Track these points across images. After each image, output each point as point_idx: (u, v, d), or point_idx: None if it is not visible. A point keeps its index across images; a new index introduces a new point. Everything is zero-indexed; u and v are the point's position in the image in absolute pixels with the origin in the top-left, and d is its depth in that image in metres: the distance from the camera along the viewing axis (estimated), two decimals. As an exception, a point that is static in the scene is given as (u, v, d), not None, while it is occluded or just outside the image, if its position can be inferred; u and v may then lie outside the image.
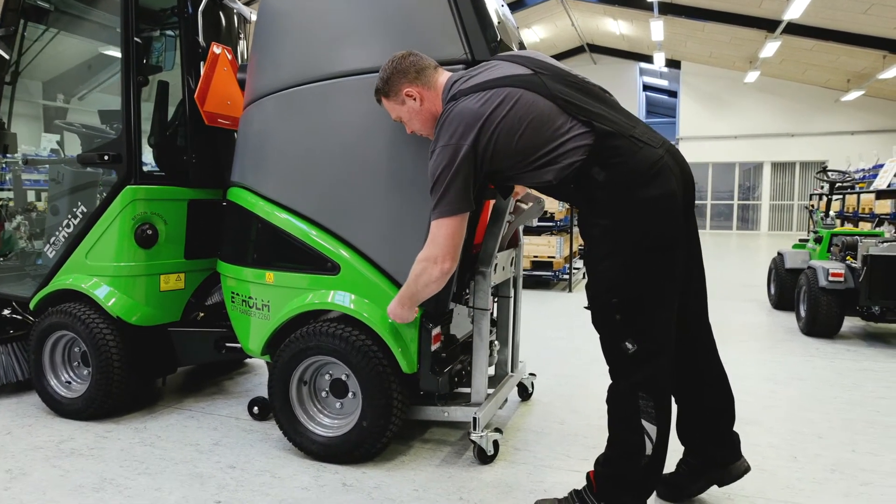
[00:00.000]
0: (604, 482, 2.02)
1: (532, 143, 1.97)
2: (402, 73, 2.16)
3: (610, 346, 2.00)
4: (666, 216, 1.92)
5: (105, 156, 2.96)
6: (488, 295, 2.63)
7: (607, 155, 1.90)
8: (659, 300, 1.94)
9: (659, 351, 1.95)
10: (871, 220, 11.37)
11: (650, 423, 1.94)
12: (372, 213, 2.48)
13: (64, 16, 3.55)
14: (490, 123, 1.96)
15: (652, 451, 1.96)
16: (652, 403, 1.94)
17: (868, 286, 4.55)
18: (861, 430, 3.01)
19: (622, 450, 2.01)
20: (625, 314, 1.93)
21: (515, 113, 1.96)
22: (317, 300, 2.56)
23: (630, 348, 1.93)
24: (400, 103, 2.19)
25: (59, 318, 3.03)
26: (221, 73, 3.12)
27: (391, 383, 2.43)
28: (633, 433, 1.96)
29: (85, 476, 2.44)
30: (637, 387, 1.95)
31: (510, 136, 1.97)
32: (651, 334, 1.94)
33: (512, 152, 1.99)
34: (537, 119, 1.96)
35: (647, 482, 2.02)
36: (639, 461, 1.96)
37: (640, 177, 1.89)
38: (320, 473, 2.46)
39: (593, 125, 1.92)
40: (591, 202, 1.96)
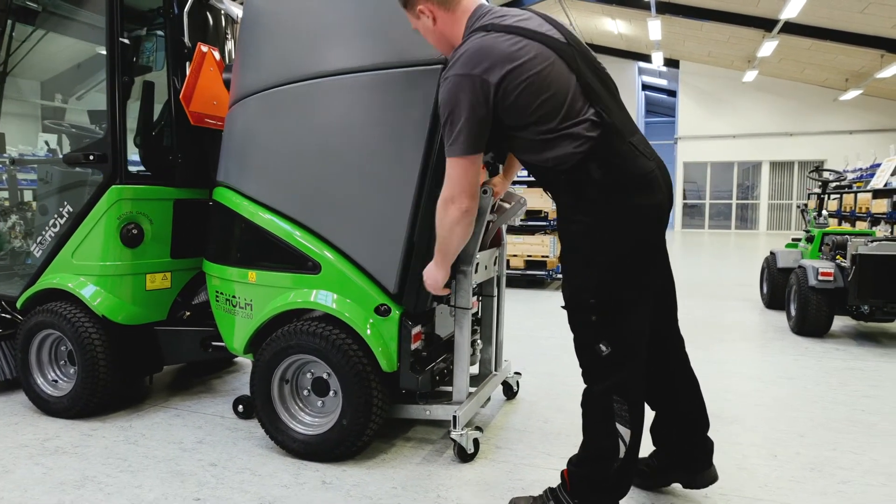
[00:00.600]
0: (577, 482, 2.03)
1: (549, 113, 1.88)
2: None
3: (584, 347, 1.99)
4: (651, 225, 1.95)
5: (90, 156, 2.97)
6: (469, 294, 2.64)
7: (607, 154, 1.87)
8: (635, 305, 1.94)
9: (632, 355, 1.95)
10: (866, 220, 11.39)
11: (624, 426, 1.95)
12: (351, 212, 2.49)
13: (52, 16, 3.57)
14: (520, 73, 1.85)
15: (625, 454, 1.96)
16: (626, 407, 1.94)
17: (857, 285, 4.56)
18: (843, 428, 3.02)
19: (595, 453, 2.01)
20: (601, 316, 1.92)
21: (546, 76, 1.87)
22: (299, 299, 2.58)
23: (604, 350, 1.92)
24: (415, 17, 2.11)
25: (46, 317, 3.05)
26: (208, 74, 3.14)
27: (371, 382, 2.45)
28: (606, 437, 1.96)
29: (67, 473, 2.46)
30: (611, 390, 1.95)
31: (535, 96, 1.86)
32: (625, 338, 1.94)
33: (529, 113, 1.89)
34: (561, 93, 1.88)
35: (619, 484, 2.02)
36: (611, 464, 1.97)
37: (634, 183, 1.89)
38: (301, 471, 2.48)
39: (603, 119, 1.87)
40: (579, 197, 1.91)
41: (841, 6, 13.61)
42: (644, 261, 1.96)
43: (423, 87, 2.35)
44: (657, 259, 2.03)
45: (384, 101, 2.42)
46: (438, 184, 2.36)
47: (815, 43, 16.28)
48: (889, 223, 10.52)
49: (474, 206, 2.02)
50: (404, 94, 2.38)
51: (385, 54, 2.40)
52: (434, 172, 2.37)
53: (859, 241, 4.68)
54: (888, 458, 2.67)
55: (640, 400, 2.00)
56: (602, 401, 1.96)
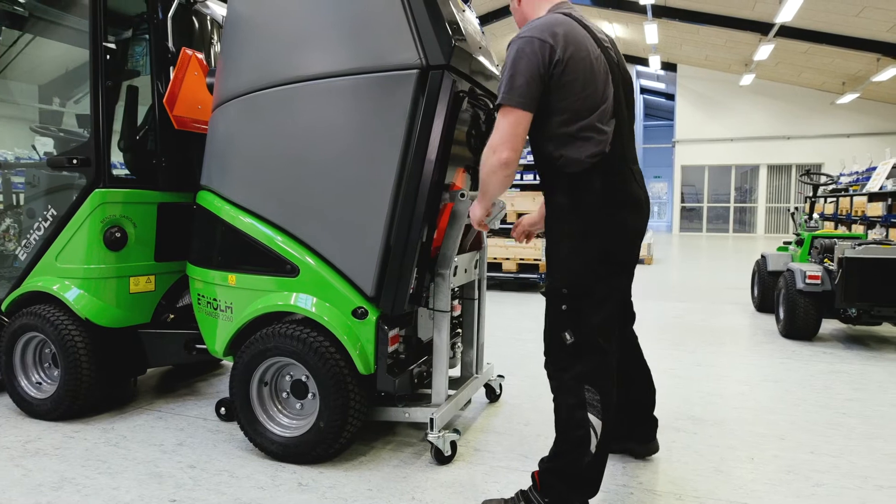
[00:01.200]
0: (548, 479, 2.08)
1: (583, 108, 2.02)
2: None
3: (552, 333, 2.14)
4: (630, 241, 2.16)
5: (74, 159, 2.99)
6: (447, 297, 2.66)
7: (610, 171, 2.06)
8: (601, 303, 2.07)
9: (592, 348, 2.07)
10: (858, 222, 11.40)
11: (595, 416, 2.04)
12: (329, 216, 2.51)
13: (40, 21, 3.60)
14: (579, 61, 1.99)
15: (596, 447, 2.03)
16: (598, 397, 2.05)
17: (843, 288, 4.57)
18: (823, 431, 3.03)
19: (567, 444, 2.08)
20: (570, 306, 2.06)
21: (596, 79, 2.03)
22: (279, 301, 2.59)
23: (568, 339, 2.07)
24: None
25: (29, 320, 3.07)
26: (192, 78, 3.15)
27: (348, 384, 2.46)
28: (578, 427, 2.04)
29: (46, 475, 2.47)
30: (582, 379, 2.06)
31: (582, 87, 2.00)
32: (588, 330, 2.06)
33: (571, 99, 2.00)
34: (599, 98, 2.04)
35: (591, 479, 2.07)
36: (582, 457, 2.03)
37: (624, 202, 2.10)
38: (278, 473, 2.49)
39: (615, 140, 2.07)
40: (575, 201, 2.06)
41: (836, 10, 13.65)
42: (615, 267, 2.12)
43: (398, 91, 2.38)
44: (626, 268, 2.23)
45: (360, 105, 2.44)
46: (414, 188, 2.39)
47: (811, 46, 16.31)
48: (884, 226, 10.53)
49: (515, 158, 2.06)
50: (380, 98, 2.40)
51: (360, 59, 2.42)
52: (409, 176, 2.39)
53: (846, 245, 4.69)
54: (866, 461, 2.68)
55: (610, 393, 2.09)
56: (575, 389, 2.07)
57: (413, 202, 2.39)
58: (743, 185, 23.06)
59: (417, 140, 2.37)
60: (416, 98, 2.37)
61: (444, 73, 2.34)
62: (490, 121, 2.93)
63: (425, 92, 2.36)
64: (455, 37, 2.36)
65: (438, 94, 2.35)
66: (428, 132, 2.37)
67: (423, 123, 2.36)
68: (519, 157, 2.09)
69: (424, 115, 2.36)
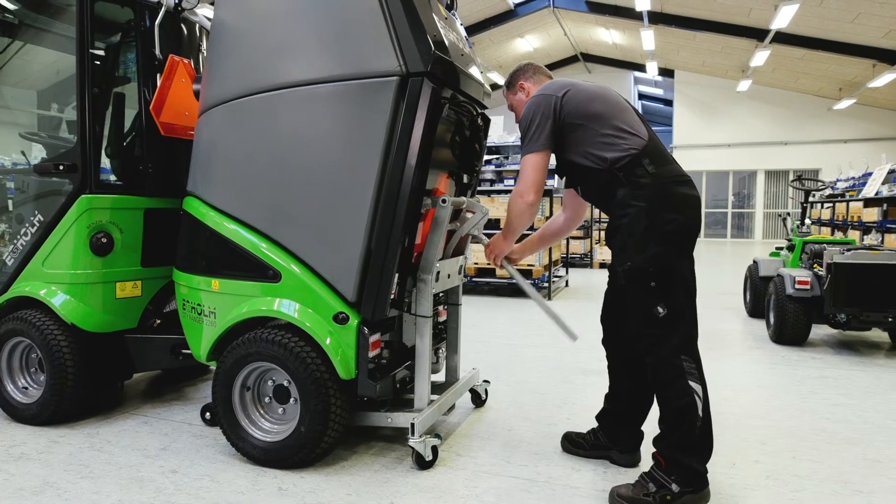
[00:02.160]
0: (670, 455, 2.23)
1: (602, 112, 2.38)
2: (523, 72, 2.72)
3: (643, 313, 2.28)
4: (693, 211, 2.33)
5: (60, 165, 3.01)
6: (429, 302, 2.67)
7: (656, 155, 2.34)
8: (682, 274, 2.30)
9: (683, 317, 2.27)
10: (851, 228, 11.41)
11: (696, 383, 2.23)
12: (310, 222, 2.53)
13: (30, 28, 3.63)
14: (578, 89, 2.45)
15: (702, 411, 2.21)
16: (694, 365, 2.25)
17: (832, 294, 4.59)
18: (806, 436, 3.04)
19: (676, 416, 2.23)
20: (659, 281, 2.25)
21: (599, 92, 2.46)
22: (262, 307, 2.61)
23: (661, 312, 2.25)
24: (514, 94, 2.73)
25: (16, 325, 3.08)
26: (179, 85, 3.18)
27: (329, 389, 2.48)
28: (683, 396, 2.21)
29: (27, 479, 2.48)
30: (678, 350, 2.24)
31: (589, 100, 2.41)
32: (677, 301, 2.26)
33: (585, 110, 2.38)
34: (612, 103, 2.42)
35: (704, 443, 2.24)
36: (694, 423, 2.20)
37: (677, 177, 2.34)
38: (259, 478, 2.50)
39: (649, 136, 2.39)
40: (635, 186, 2.30)
41: (831, 16, 13.71)
42: (688, 239, 2.33)
43: (378, 98, 2.40)
44: (694, 243, 2.38)
45: (341, 112, 2.47)
46: (394, 193, 2.41)
47: (807, 52, 16.37)
48: (880, 232, 10.54)
49: (538, 200, 2.49)
50: (360, 105, 2.43)
51: (342, 66, 2.44)
52: (390, 182, 2.41)
53: (835, 250, 4.71)
54: (847, 466, 2.69)
55: (699, 358, 2.29)
56: (672, 360, 2.24)
57: (393, 208, 2.41)
58: (741, 191, 23.09)
59: (397, 146, 2.39)
60: (396, 105, 2.39)
61: (423, 81, 2.37)
62: (474, 127, 2.96)
63: (405, 99, 2.38)
64: (435, 44, 2.39)
65: (418, 101, 2.37)
66: (408, 138, 2.39)
67: (403, 130, 2.38)
68: (540, 197, 2.48)
69: (404, 122, 2.38)
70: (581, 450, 2.74)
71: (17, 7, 3.48)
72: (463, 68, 2.65)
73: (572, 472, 2.59)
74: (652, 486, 2.24)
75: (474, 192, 3.25)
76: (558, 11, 17.63)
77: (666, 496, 2.20)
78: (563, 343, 5.10)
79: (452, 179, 3.03)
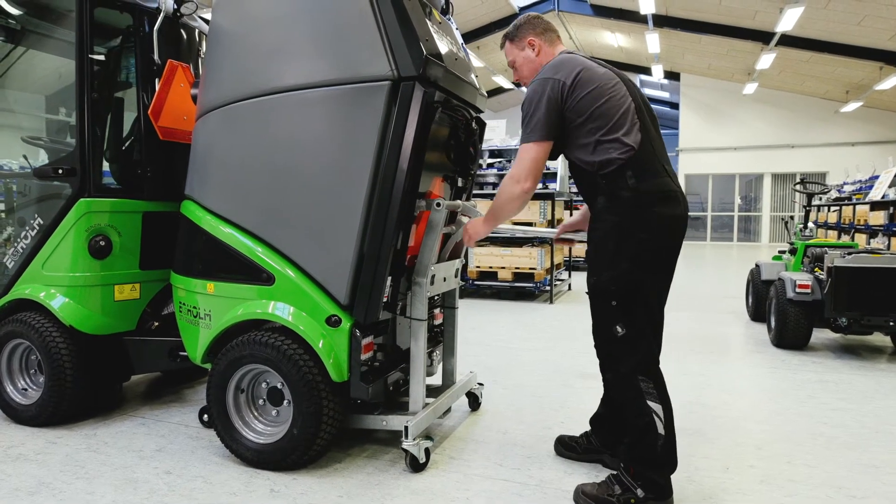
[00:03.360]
0: (632, 465, 2.27)
1: (604, 115, 2.25)
2: (532, 26, 2.51)
3: (603, 329, 2.31)
4: (667, 232, 2.28)
5: (59, 169, 3.05)
6: (424, 306, 2.68)
7: (642, 166, 2.23)
8: (646, 297, 2.27)
9: (642, 337, 2.26)
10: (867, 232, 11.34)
11: (654, 402, 2.23)
12: (304, 224, 2.55)
13: (31, 33, 3.67)
14: (588, 79, 2.26)
15: (664, 429, 2.23)
16: (652, 384, 2.24)
17: (833, 298, 4.56)
18: (802, 441, 3.02)
19: (637, 433, 2.26)
20: (620, 301, 2.24)
21: (608, 89, 2.28)
22: (257, 309, 2.62)
23: (620, 332, 2.25)
24: (520, 48, 2.52)
25: (15, 327, 3.12)
26: (178, 90, 3.21)
27: (321, 391, 2.49)
28: (641, 415, 2.23)
29: (23, 480, 2.51)
30: (636, 370, 2.24)
31: (595, 99, 2.25)
32: (637, 322, 2.25)
33: (588, 112, 2.25)
34: (616, 105, 2.27)
35: (668, 459, 2.27)
36: (655, 441, 2.22)
37: (659, 195, 2.25)
38: (252, 479, 2.51)
39: (643, 138, 2.26)
40: (613, 199, 2.24)
41: (837, 19, 13.65)
42: (658, 260, 2.29)
43: (370, 102, 2.41)
44: (669, 263, 2.35)
45: (334, 116, 2.48)
46: (386, 196, 2.42)
47: (813, 55, 16.30)
48: (886, 235, 10.47)
49: (533, 188, 2.36)
50: (353, 109, 2.44)
51: (335, 71, 2.46)
52: (382, 185, 2.43)
53: (835, 254, 4.68)
54: (842, 471, 2.68)
55: (660, 377, 2.28)
56: (630, 380, 2.25)
57: (386, 211, 2.43)
58: (748, 194, 22.99)
59: (390, 150, 2.41)
60: (388, 109, 2.40)
61: (415, 85, 2.38)
62: (468, 130, 2.97)
63: (397, 103, 2.40)
64: (427, 49, 2.40)
65: (410, 105, 2.39)
66: (400, 142, 2.40)
67: (395, 133, 2.40)
68: (537, 185, 2.36)
69: (396, 126, 2.40)
70: (574, 453, 2.74)
71: (19, 12, 3.52)
72: (456, 72, 2.66)
73: (564, 475, 2.59)
74: (617, 489, 2.27)
75: (470, 195, 3.26)
76: (563, 15, 17.63)
77: (630, 500, 2.23)
78: (564, 347, 5.10)
79: (447, 183, 3.04)
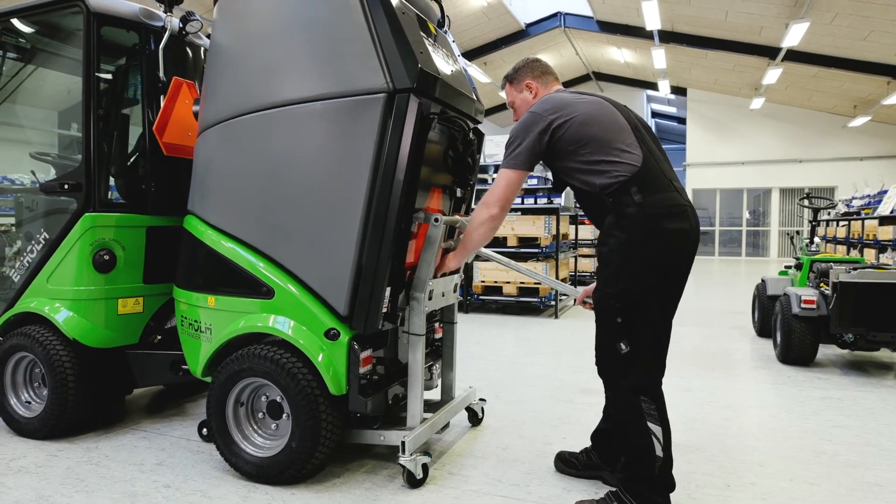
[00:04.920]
0: (630, 486, 2.27)
1: (596, 135, 2.27)
2: (530, 70, 2.61)
3: (607, 345, 2.30)
4: (674, 248, 2.25)
5: (65, 184, 3.10)
6: (422, 320, 2.69)
7: (647, 182, 2.24)
8: (652, 315, 2.25)
9: (646, 356, 2.25)
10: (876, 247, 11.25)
11: (654, 424, 2.22)
12: (303, 237, 2.57)
13: (41, 52, 3.75)
14: (572, 111, 2.32)
15: (662, 451, 2.22)
16: (653, 406, 2.23)
17: (838, 313, 4.53)
18: (805, 459, 2.99)
19: (635, 453, 2.26)
20: (625, 318, 2.24)
21: (594, 114, 2.31)
22: (258, 323, 2.64)
23: (623, 349, 2.24)
24: (519, 91, 2.63)
25: (19, 340, 3.15)
26: (182, 106, 3.26)
27: (320, 405, 2.49)
28: (641, 436, 2.22)
29: (23, 493, 2.52)
30: (637, 390, 2.23)
31: (581, 127, 2.29)
32: (642, 341, 2.24)
33: (577, 141, 2.29)
34: (607, 128, 2.29)
35: (665, 481, 2.22)
36: (652, 463, 2.21)
37: (666, 210, 2.23)
38: (250, 494, 2.52)
39: (645, 154, 2.27)
40: (620, 216, 2.25)
41: (843, 34, 13.66)
42: (664, 279, 2.26)
43: (366, 115, 2.44)
44: (677, 281, 2.31)
45: (330, 129, 2.51)
46: (383, 208, 2.44)
47: (820, 70, 16.29)
48: (895, 250, 10.38)
49: (501, 216, 2.46)
50: (349, 122, 2.47)
51: (331, 84, 2.50)
52: (379, 197, 2.45)
53: (841, 269, 4.66)
54: (844, 489, 2.64)
55: (661, 399, 2.26)
56: (630, 400, 2.24)
57: (383, 222, 2.44)
58: (756, 209, 22.88)
59: (386, 162, 2.43)
60: (384, 121, 2.43)
61: (409, 97, 2.41)
62: (466, 141, 3.00)
63: (392, 115, 2.42)
64: (422, 61, 2.43)
65: (405, 117, 2.41)
66: (396, 154, 2.43)
67: (391, 146, 2.42)
68: (505, 215, 2.46)
69: (392, 138, 2.42)
70: (574, 469, 2.73)
71: (30, 31, 3.59)
72: (452, 84, 2.68)
73: (563, 492, 2.57)
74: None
75: (469, 206, 3.27)
76: (569, 31, 17.76)
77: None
78: (567, 362, 5.08)
79: (447, 194, 3.06)
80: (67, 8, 3.15)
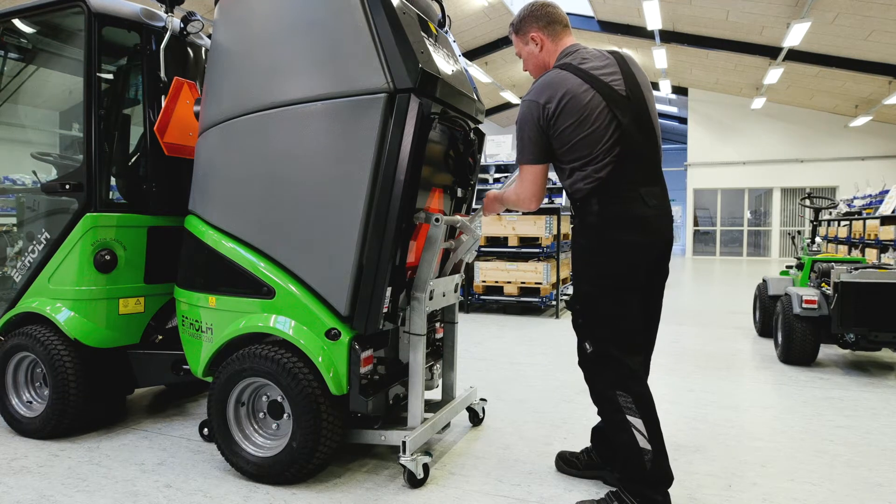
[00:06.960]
0: (629, 486, 2.26)
1: (580, 148, 2.23)
2: (535, 19, 2.42)
3: (578, 346, 2.40)
4: (632, 259, 2.27)
5: (66, 184, 3.10)
6: (423, 320, 2.69)
7: (608, 195, 2.25)
8: (612, 319, 2.29)
9: (613, 357, 2.27)
10: (877, 247, 11.24)
11: (634, 416, 2.22)
12: (304, 237, 2.57)
13: (43, 52, 3.75)
14: (571, 104, 2.20)
15: (648, 442, 2.21)
16: (630, 399, 2.23)
17: (839, 313, 4.52)
18: (807, 459, 2.99)
19: (623, 450, 2.26)
20: (585, 320, 2.34)
21: (591, 120, 2.21)
22: (259, 323, 2.64)
23: (588, 349, 2.33)
24: (524, 43, 2.47)
25: (21, 340, 3.16)
26: (183, 106, 3.27)
27: (320, 405, 2.49)
28: (622, 431, 2.24)
29: (25, 493, 2.52)
30: (611, 386, 2.27)
31: (576, 131, 2.22)
32: (603, 342, 2.29)
33: (567, 143, 2.25)
34: (597, 136, 2.22)
35: (660, 474, 2.21)
36: (640, 457, 2.21)
37: (624, 223, 2.24)
38: (251, 493, 2.52)
39: (617, 161, 2.21)
40: (582, 223, 2.33)
41: (844, 34, 13.65)
42: (624, 285, 2.28)
43: (367, 115, 2.44)
44: (637, 284, 2.31)
45: (331, 129, 2.51)
46: (384, 208, 2.45)
47: (821, 70, 16.28)
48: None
49: (539, 205, 2.43)
50: (350, 122, 2.47)
51: (331, 85, 2.50)
52: (379, 197, 2.45)
53: (842, 269, 4.65)
54: (845, 490, 2.64)
55: (641, 392, 2.26)
56: (606, 396, 2.30)
57: (384, 222, 2.44)
58: (757, 209, 22.87)
59: (386, 162, 2.43)
60: (384, 121, 2.43)
61: (410, 97, 2.41)
62: (467, 141, 3.00)
63: (393, 115, 2.42)
64: (422, 61, 2.43)
65: (406, 117, 2.41)
66: (397, 154, 2.43)
67: (391, 146, 2.43)
68: (539, 204, 2.43)
69: (393, 138, 2.42)
70: (575, 469, 2.73)
71: (32, 31, 3.60)
72: (453, 84, 2.68)
73: (564, 491, 2.57)
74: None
75: (470, 205, 3.27)
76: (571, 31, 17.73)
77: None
78: (568, 362, 5.08)
79: (447, 194, 3.06)
80: (69, 8, 3.16)
